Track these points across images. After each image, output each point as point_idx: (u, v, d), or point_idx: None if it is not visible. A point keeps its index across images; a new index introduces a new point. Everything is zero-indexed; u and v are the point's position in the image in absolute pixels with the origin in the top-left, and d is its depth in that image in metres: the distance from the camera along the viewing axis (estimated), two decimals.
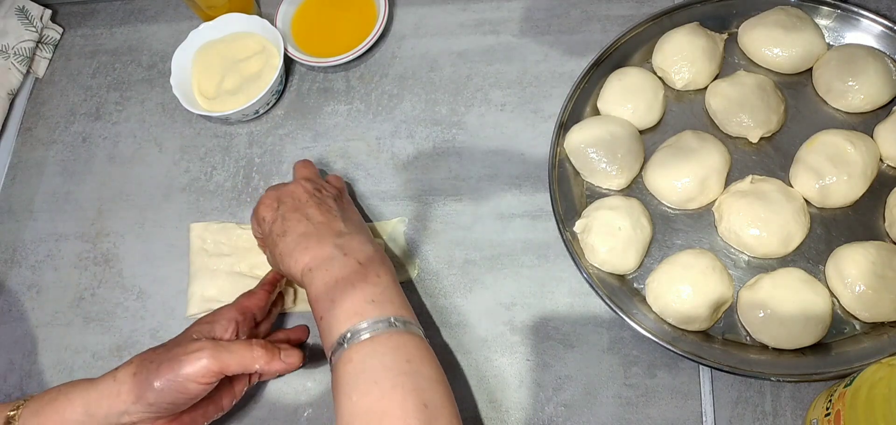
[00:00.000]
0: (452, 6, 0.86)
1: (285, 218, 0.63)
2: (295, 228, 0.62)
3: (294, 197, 0.64)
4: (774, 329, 0.62)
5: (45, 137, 0.87)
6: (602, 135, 0.70)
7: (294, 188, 0.65)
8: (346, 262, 0.59)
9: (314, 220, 0.63)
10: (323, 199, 0.65)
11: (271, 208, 0.65)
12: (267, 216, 0.64)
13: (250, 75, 0.82)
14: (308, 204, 0.64)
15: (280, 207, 0.64)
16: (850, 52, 0.71)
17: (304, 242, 0.61)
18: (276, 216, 0.64)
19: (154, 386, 0.55)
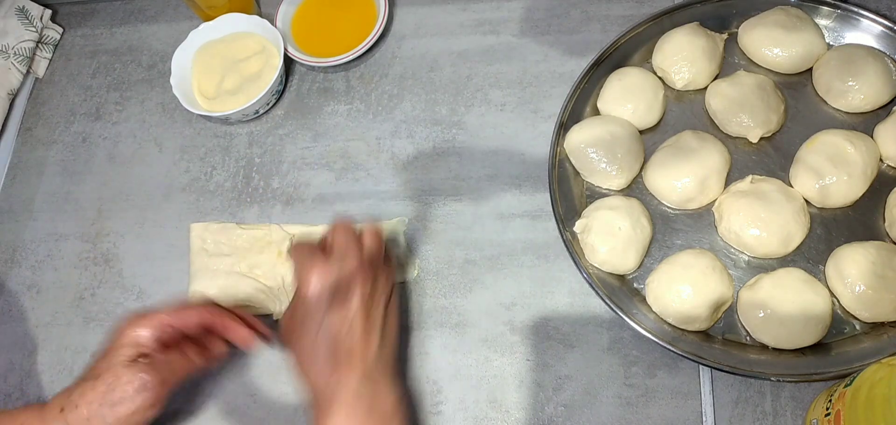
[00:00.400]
0: (452, 6, 0.86)
1: (328, 313, 0.56)
2: (330, 334, 0.56)
3: (350, 291, 0.57)
4: (774, 329, 0.62)
5: (45, 137, 0.87)
6: (602, 135, 0.70)
7: (355, 278, 0.57)
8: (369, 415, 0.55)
9: (354, 335, 0.56)
10: (374, 305, 0.58)
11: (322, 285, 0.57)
12: (313, 289, 0.57)
13: (250, 75, 0.82)
14: (359, 309, 0.57)
15: (333, 295, 0.57)
16: (850, 52, 0.71)
17: (334, 359, 0.56)
18: (320, 301, 0.56)
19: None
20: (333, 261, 0.58)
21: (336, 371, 0.56)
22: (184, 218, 0.78)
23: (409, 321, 0.70)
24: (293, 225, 0.76)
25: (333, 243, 0.60)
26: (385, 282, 0.61)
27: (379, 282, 0.60)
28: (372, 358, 0.57)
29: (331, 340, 0.56)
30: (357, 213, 0.75)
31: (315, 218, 0.76)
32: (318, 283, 0.57)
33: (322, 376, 0.56)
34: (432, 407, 0.66)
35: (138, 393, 0.58)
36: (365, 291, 0.58)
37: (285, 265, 0.73)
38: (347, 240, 0.60)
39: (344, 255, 0.59)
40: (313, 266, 0.58)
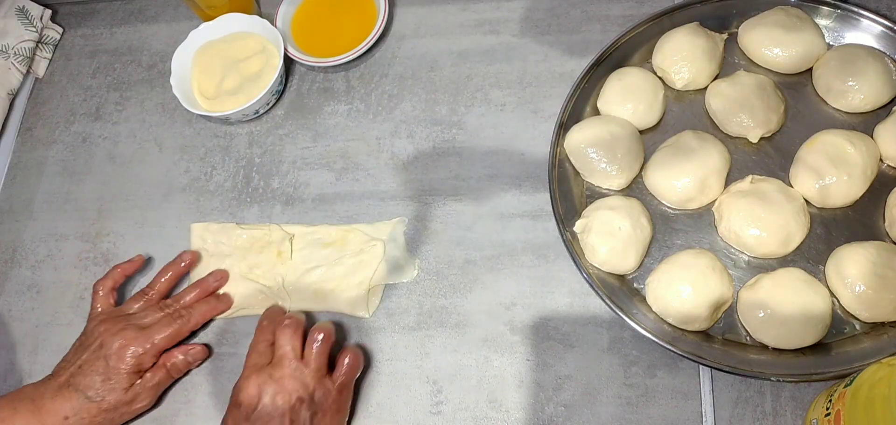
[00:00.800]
0: (452, 6, 0.86)
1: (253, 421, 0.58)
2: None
3: (274, 403, 0.59)
4: (774, 329, 0.62)
5: (45, 137, 0.87)
6: (602, 135, 0.70)
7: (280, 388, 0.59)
8: None
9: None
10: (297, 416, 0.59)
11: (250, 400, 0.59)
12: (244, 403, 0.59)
13: (250, 75, 0.82)
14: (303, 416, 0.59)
15: (258, 406, 0.59)
16: (850, 52, 0.71)
17: None
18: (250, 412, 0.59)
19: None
20: (265, 371, 0.61)
21: None
22: (184, 218, 0.78)
23: (410, 321, 0.70)
24: (293, 225, 0.76)
25: (275, 348, 0.63)
26: (322, 391, 0.61)
27: (313, 390, 0.61)
28: None
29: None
30: (357, 213, 0.75)
31: (315, 218, 0.76)
32: (249, 391, 0.60)
33: None
34: (432, 407, 0.66)
35: (139, 404, 0.66)
36: (291, 402, 0.59)
37: (285, 265, 0.73)
38: (285, 346, 0.62)
39: (278, 363, 0.61)
40: (245, 379, 0.61)
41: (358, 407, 0.67)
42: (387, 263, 0.72)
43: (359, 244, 0.73)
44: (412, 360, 0.68)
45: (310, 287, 0.72)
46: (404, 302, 0.71)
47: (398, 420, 0.66)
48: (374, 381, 0.68)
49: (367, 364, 0.68)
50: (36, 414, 0.63)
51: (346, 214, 0.76)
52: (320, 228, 0.75)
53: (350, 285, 0.71)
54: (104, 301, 0.70)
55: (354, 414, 0.67)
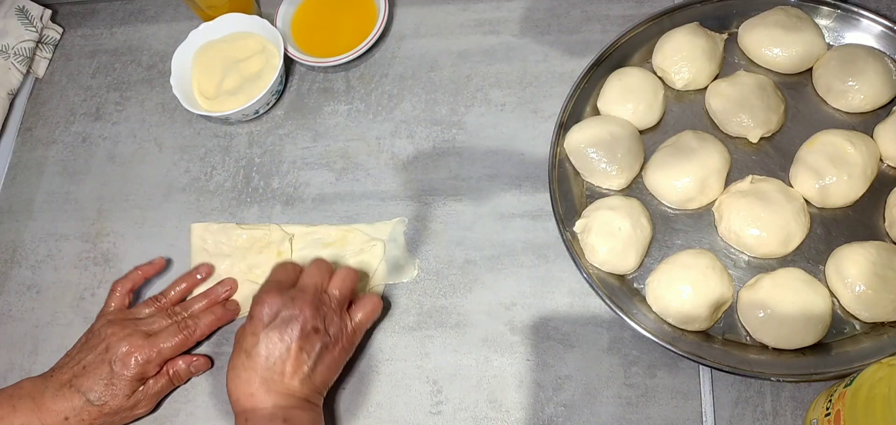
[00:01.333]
0: (452, 6, 0.86)
1: (260, 341, 0.60)
2: (256, 361, 0.59)
3: (288, 325, 0.60)
4: (774, 329, 0.62)
5: (45, 137, 0.87)
6: (602, 135, 0.70)
7: (298, 312, 0.61)
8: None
9: (277, 369, 0.59)
10: (308, 344, 0.60)
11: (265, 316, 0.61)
12: (257, 316, 0.61)
13: (250, 75, 0.82)
14: (291, 345, 0.60)
15: (271, 323, 0.60)
16: (850, 52, 0.71)
17: (251, 383, 0.59)
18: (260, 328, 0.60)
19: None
20: (287, 293, 0.62)
21: (252, 397, 0.59)
22: (184, 218, 0.78)
23: (410, 321, 0.70)
24: (293, 225, 0.76)
25: (301, 276, 0.65)
26: (336, 326, 0.63)
27: (328, 322, 0.62)
28: (294, 386, 0.60)
29: (261, 360, 0.60)
30: (357, 213, 0.75)
31: (315, 218, 0.76)
32: (267, 306, 0.61)
33: (244, 391, 0.60)
34: (432, 407, 0.66)
35: (138, 411, 0.66)
36: (306, 327, 0.60)
37: None
38: (312, 278, 0.64)
39: (301, 290, 0.63)
40: (267, 292, 0.62)
41: (358, 407, 0.67)
42: (387, 263, 0.72)
43: (359, 244, 0.73)
44: (412, 360, 0.68)
45: None
46: (404, 302, 0.71)
47: (398, 420, 0.66)
48: (374, 381, 0.68)
49: (369, 364, 0.68)
50: (36, 413, 0.63)
51: (346, 214, 0.76)
52: (320, 228, 0.75)
53: None
54: (119, 301, 0.70)
55: (354, 413, 0.67)
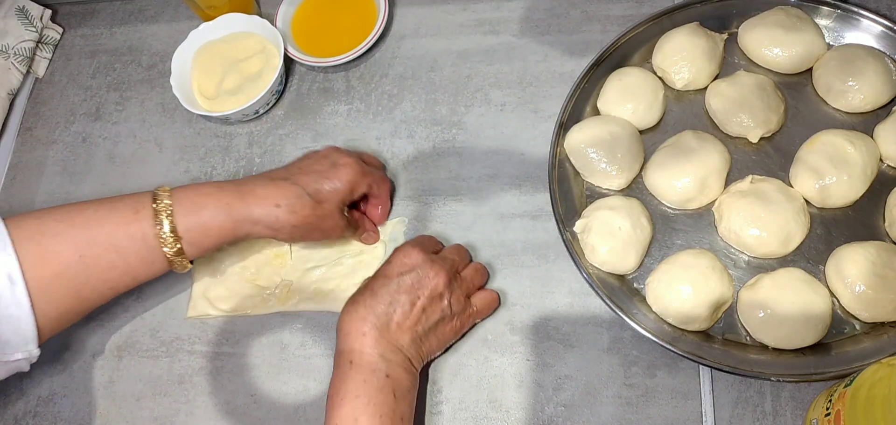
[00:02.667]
0: (452, 6, 0.86)
1: (395, 284, 0.61)
2: (380, 303, 0.61)
3: (422, 281, 0.62)
4: (774, 329, 0.62)
5: (45, 137, 0.87)
6: (602, 135, 0.70)
7: (435, 274, 0.62)
8: (383, 388, 0.58)
9: (395, 318, 0.60)
10: (431, 306, 0.62)
11: (403, 266, 0.62)
12: (395, 261, 0.63)
13: (250, 75, 0.82)
14: (416, 300, 0.61)
15: (407, 273, 0.62)
16: (850, 52, 0.71)
17: (366, 322, 0.60)
18: (395, 274, 0.62)
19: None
20: (428, 254, 0.64)
21: (366, 337, 0.60)
22: None
23: None
24: None
25: (443, 250, 0.68)
26: (459, 303, 0.64)
27: (454, 297, 0.64)
28: (405, 342, 0.61)
29: (384, 302, 0.61)
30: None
31: None
32: (409, 258, 0.63)
33: (356, 327, 0.60)
34: (432, 407, 0.66)
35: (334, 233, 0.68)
36: (436, 291, 0.62)
37: (285, 266, 0.73)
38: (452, 255, 0.67)
39: (442, 258, 0.65)
40: (411, 245, 0.64)
41: None
42: None
43: (359, 245, 0.73)
44: None
45: (310, 287, 0.72)
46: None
47: None
48: None
49: None
50: (241, 197, 0.63)
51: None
52: None
53: (350, 285, 0.70)
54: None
55: None
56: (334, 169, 0.66)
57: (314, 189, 0.65)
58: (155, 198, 0.62)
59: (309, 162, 0.68)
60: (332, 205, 0.66)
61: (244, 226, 0.63)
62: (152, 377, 0.71)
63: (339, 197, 0.66)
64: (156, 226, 0.61)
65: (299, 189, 0.64)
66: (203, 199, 0.62)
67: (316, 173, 0.66)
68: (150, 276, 0.63)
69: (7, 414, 0.72)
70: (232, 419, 0.68)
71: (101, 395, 0.71)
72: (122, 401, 0.71)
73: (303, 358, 0.70)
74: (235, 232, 0.63)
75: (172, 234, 0.61)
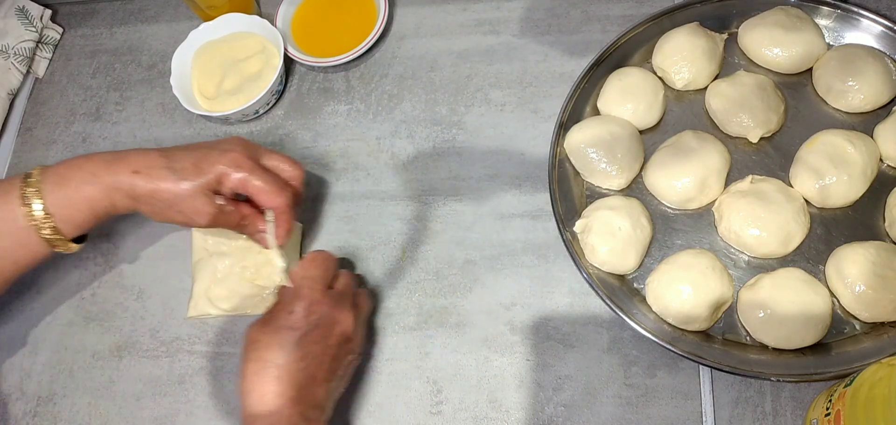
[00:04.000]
0: (452, 6, 0.86)
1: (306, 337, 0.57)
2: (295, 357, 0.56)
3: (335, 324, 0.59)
4: (774, 329, 0.62)
5: (45, 137, 0.87)
6: (602, 135, 0.70)
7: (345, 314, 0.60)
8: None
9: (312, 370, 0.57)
10: (346, 351, 0.60)
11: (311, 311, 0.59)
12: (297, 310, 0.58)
13: (250, 75, 0.82)
14: (333, 346, 0.58)
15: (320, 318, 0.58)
16: (850, 52, 0.71)
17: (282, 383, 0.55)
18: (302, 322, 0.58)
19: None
20: (332, 293, 0.61)
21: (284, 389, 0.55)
22: None
23: (409, 321, 0.70)
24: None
25: (336, 283, 0.63)
26: (360, 339, 0.63)
27: (356, 334, 0.62)
28: (320, 395, 0.58)
29: (296, 356, 0.56)
30: (357, 213, 0.75)
31: (315, 218, 0.76)
32: (311, 303, 0.59)
33: (268, 389, 0.55)
34: (432, 407, 0.66)
35: (197, 218, 0.63)
36: (346, 333, 0.60)
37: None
38: (349, 286, 0.64)
39: (342, 296, 0.62)
40: (312, 287, 0.60)
41: (358, 407, 0.67)
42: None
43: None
44: (412, 360, 0.68)
45: None
46: (404, 302, 0.71)
47: (398, 420, 0.66)
48: (374, 381, 0.68)
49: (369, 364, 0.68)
50: (109, 164, 0.61)
51: (346, 214, 0.76)
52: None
53: None
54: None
55: (355, 413, 0.67)
56: (213, 153, 0.63)
57: (180, 166, 0.61)
58: (25, 178, 0.60)
59: (202, 143, 0.65)
60: (195, 186, 0.61)
61: (112, 196, 0.61)
62: (152, 377, 0.71)
63: (205, 181, 0.62)
64: (23, 206, 0.59)
65: (165, 161, 0.62)
66: (71, 172, 0.60)
67: (196, 153, 0.63)
68: (35, 261, 0.61)
69: (7, 413, 0.72)
70: (232, 419, 0.68)
71: (101, 395, 0.71)
72: (122, 401, 0.71)
73: None
74: (105, 202, 0.61)
75: (44, 213, 0.59)
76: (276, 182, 0.64)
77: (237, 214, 0.65)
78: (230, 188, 0.63)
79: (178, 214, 0.63)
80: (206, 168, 0.62)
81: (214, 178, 0.62)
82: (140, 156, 0.62)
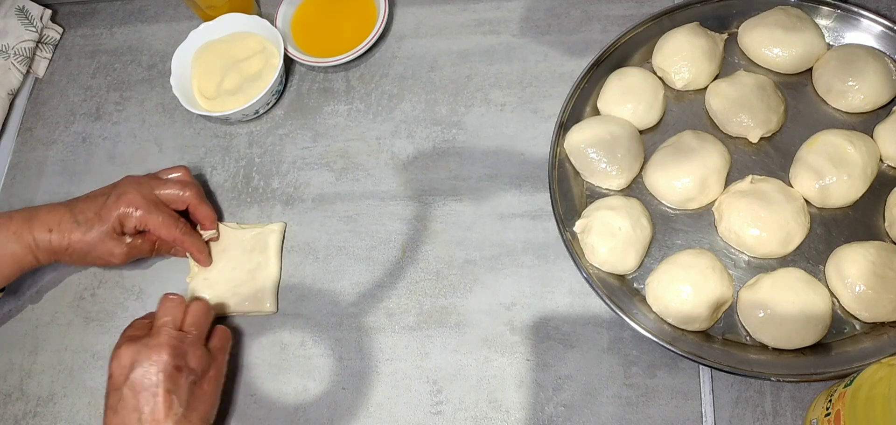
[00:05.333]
0: (452, 6, 0.86)
1: (123, 396, 0.59)
2: (123, 417, 0.59)
3: (148, 373, 0.59)
4: (774, 329, 0.62)
5: (45, 137, 0.87)
6: (602, 135, 0.70)
7: (156, 357, 0.59)
8: None
9: (148, 416, 0.58)
10: (175, 385, 0.59)
11: (122, 370, 0.60)
12: (115, 373, 0.60)
13: (250, 75, 0.82)
14: (156, 391, 0.59)
15: (130, 375, 0.59)
16: (850, 52, 0.71)
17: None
18: (121, 383, 0.59)
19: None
20: (140, 341, 0.61)
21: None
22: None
23: (409, 321, 0.70)
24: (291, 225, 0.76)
25: (154, 320, 0.64)
26: (199, 359, 0.62)
27: (189, 358, 0.61)
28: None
29: (129, 413, 0.59)
30: (357, 213, 0.75)
31: (315, 217, 0.76)
32: (121, 361, 0.60)
33: None
34: (432, 407, 0.66)
35: (112, 258, 0.69)
36: (167, 369, 0.59)
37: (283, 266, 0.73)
38: (165, 317, 0.63)
39: (156, 332, 0.62)
40: (118, 347, 0.61)
41: (358, 407, 0.67)
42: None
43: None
44: (412, 360, 0.68)
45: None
46: (404, 302, 0.71)
47: (398, 420, 0.66)
48: (374, 381, 0.68)
49: (369, 364, 0.68)
50: (27, 223, 0.67)
51: (346, 214, 0.76)
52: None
53: None
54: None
55: (354, 414, 0.67)
56: (110, 199, 0.68)
57: (85, 217, 0.68)
58: None
59: (102, 190, 0.70)
60: (102, 232, 0.68)
61: (35, 252, 0.68)
62: None
63: (109, 226, 0.68)
64: None
65: (72, 215, 0.68)
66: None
67: (96, 202, 0.69)
68: None
69: (7, 413, 0.72)
70: (232, 419, 0.68)
71: (101, 395, 0.71)
72: None
73: (303, 357, 0.70)
74: (30, 257, 0.68)
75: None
76: (169, 216, 0.70)
77: (147, 243, 0.71)
78: (132, 227, 0.69)
79: (95, 259, 0.69)
80: (106, 215, 0.68)
81: (117, 221, 0.68)
82: (51, 214, 0.68)
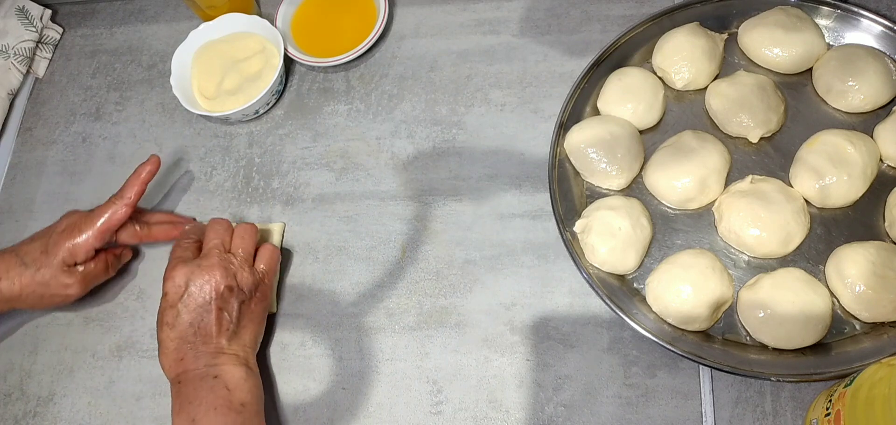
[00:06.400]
0: (452, 6, 0.86)
1: (180, 312, 0.62)
2: (180, 331, 0.62)
3: (202, 291, 0.63)
4: (774, 329, 0.62)
5: (45, 137, 0.87)
6: (602, 135, 0.70)
7: (209, 277, 0.63)
8: (214, 386, 0.61)
9: (202, 332, 0.62)
10: (226, 303, 0.63)
11: (177, 289, 0.63)
12: (170, 292, 0.63)
13: (250, 75, 0.82)
14: (209, 308, 0.63)
15: (185, 294, 0.63)
16: (850, 52, 0.71)
17: (181, 350, 0.62)
18: (176, 300, 0.63)
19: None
20: (193, 262, 0.64)
21: (182, 362, 0.62)
22: None
23: (409, 321, 0.70)
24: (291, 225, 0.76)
25: (203, 241, 0.67)
26: (247, 280, 0.65)
27: (239, 278, 0.64)
28: (219, 349, 0.63)
29: (185, 328, 0.62)
30: (357, 213, 0.75)
31: (315, 217, 0.76)
32: (176, 280, 0.63)
33: (173, 369, 0.62)
34: (432, 407, 0.66)
35: (69, 292, 0.69)
36: (219, 289, 0.63)
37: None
38: (214, 240, 0.66)
39: (207, 254, 0.65)
40: (172, 268, 0.64)
41: (358, 407, 0.67)
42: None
43: None
44: (412, 360, 0.68)
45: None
46: (404, 302, 0.71)
47: (398, 420, 0.66)
48: (373, 381, 0.68)
49: (369, 364, 0.69)
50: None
51: (346, 214, 0.76)
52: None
53: None
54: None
55: (354, 413, 0.67)
56: (54, 233, 0.68)
57: (31, 258, 0.67)
58: None
59: (44, 230, 0.70)
60: (52, 269, 0.67)
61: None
62: (152, 377, 0.71)
63: (60, 259, 0.67)
64: None
65: (18, 259, 0.67)
66: None
67: (41, 240, 0.68)
68: None
69: (7, 413, 0.72)
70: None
71: (101, 395, 0.71)
72: (122, 401, 0.71)
73: (303, 357, 0.70)
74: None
75: None
76: (118, 224, 0.70)
77: (100, 265, 0.71)
78: (84, 254, 0.68)
79: (52, 298, 0.69)
80: (54, 249, 0.67)
81: (67, 253, 0.68)
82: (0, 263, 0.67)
